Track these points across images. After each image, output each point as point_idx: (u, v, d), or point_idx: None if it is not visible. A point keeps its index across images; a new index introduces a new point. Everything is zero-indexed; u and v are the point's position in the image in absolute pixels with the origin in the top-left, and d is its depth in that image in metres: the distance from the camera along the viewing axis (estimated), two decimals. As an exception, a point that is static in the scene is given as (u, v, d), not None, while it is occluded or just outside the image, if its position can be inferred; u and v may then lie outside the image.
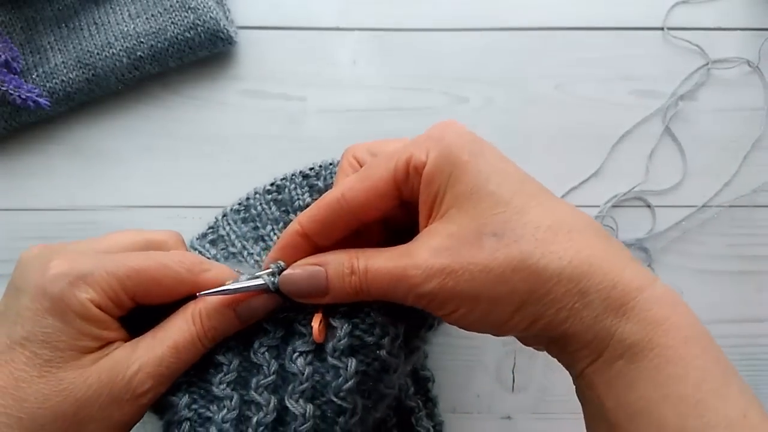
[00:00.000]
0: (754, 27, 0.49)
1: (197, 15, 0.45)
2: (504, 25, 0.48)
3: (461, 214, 0.28)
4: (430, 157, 0.28)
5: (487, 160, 0.29)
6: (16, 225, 0.45)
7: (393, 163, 0.29)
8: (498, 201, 0.28)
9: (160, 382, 0.30)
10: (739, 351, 0.45)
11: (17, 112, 0.44)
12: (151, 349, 0.30)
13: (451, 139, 0.29)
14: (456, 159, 0.28)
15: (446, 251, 0.27)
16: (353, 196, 0.30)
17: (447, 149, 0.28)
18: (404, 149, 0.29)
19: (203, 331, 0.31)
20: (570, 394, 0.44)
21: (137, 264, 0.31)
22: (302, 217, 0.31)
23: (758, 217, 0.46)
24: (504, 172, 0.29)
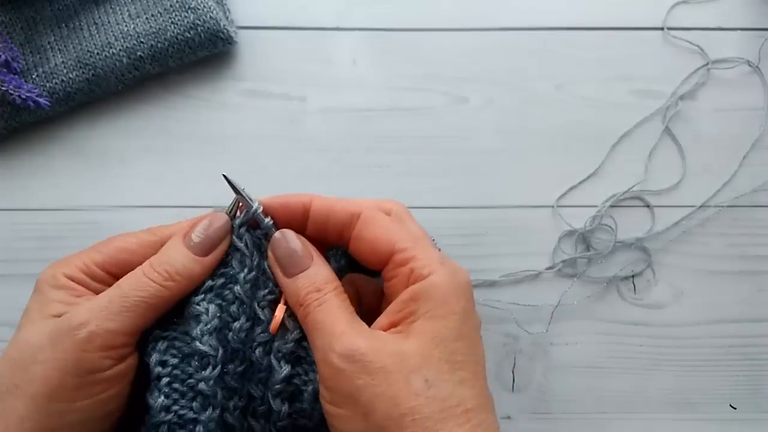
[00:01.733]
0: (754, 27, 0.49)
1: (197, 15, 0.45)
2: (504, 25, 0.48)
3: (418, 344, 0.29)
4: (433, 280, 0.30)
5: (470, 323, 0.30)
6: (16, 225, 0.45)
7: (404, 246, 0.31)
8: (451, 360, 0.29)
9: (100, 316, 0.30)
10: (739, 351, 0.45)
11: (17, 112, 0.44)
12: (98, 295, 0.31)
13: (461, 281, 0.31)
14: (450, 301, 0.29)
15: (385, 358, 0.28)
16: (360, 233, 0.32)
17: (452, 289, 0.30)
18: (419, 247, 0.31)
19: (151, 266, 0.32)
20: (570, 394, 0.44)
21: (107, 240, 0.34)
22: (317, 202, 0.33)
23: (758, 216, 0.46)
24: (476, 342, 0.30)
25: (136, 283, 0.31)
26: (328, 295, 0.31)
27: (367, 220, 0.32)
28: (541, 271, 0.45)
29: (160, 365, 0.31)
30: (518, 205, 0.46)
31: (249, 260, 0.33)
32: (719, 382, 0.44)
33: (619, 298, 0.45)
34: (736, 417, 0.44)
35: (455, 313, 0.29)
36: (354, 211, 0.32)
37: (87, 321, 0.30)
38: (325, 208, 0.33)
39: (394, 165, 0.46)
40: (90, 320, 0.30)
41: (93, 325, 0.30)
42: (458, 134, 0.47)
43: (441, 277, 0.30)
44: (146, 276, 0.31)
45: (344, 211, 0.33)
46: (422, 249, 0.31)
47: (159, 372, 0.31)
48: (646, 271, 0.45)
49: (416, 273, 0.30)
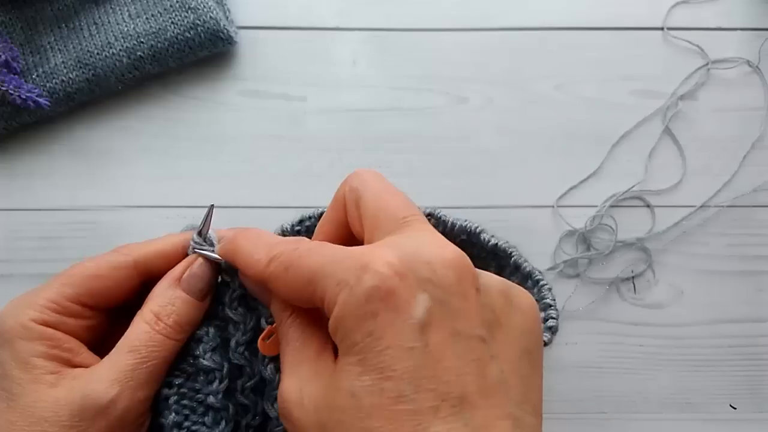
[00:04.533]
0: (754, 27, 0.49)
1: (197, 15, 0.45)
2: (504, 25, 0.48)
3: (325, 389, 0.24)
4: (334, 314, 0.23)
5: (381, 346, 0.22)
6: (16, 225, 0.45)
7: (309, 291, 0.25)
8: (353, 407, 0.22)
9: (129, 387, 0.28)
10: (739, 351, 0.45)
11: (17, 112, 0.44)
12: (111, 359, 0.29)
13: (357, 297, 0.23)
14: (348, 332, 0.23)
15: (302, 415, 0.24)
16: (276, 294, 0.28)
17: (348, 315, 0.23)
18: (320, 279, 0.24)
19: (160, 322, 0.30)
20: (570, 394, 0.44)
21: (72, 270, 0.30)
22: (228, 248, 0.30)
23: (758, 216, 0.46)
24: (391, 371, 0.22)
25: (151, 343, 0.29)
26: (283, 328, 0.28)
27: (270, 285, 0.27)
28: (542, 272, 0.45)
29: (166, 386, 0.31)
30: (518, 205, 0.46)
31: (231, 282, 0.32)
32: (719, 382, 0.44)
33: (620, 298, 0.45)
34: (736, 417, 0.44)
35: (356, 343, 0.23)
36: (258, 278, 0.27)
37: (118, 396, 0.28)
38: (242, 275, 0.30)
39: (394, 165, 0.46)
40: (121, 395, 0.28)
41: (126, 399, 0.28)
42: (458, 134, 0.47)
43: (338, 308, 0.23)
44: (160, 333, 0.30)
45: (253, 280, 0.28)
46: (324, 278, 0.24)
47: (166, 393, 0.31)
48: (647, 271, 0.45)
49: (328, 311, 0.24)
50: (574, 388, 0.44)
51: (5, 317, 0.29)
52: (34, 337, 0.28)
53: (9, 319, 0.29)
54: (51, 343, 0.29)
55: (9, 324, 0.29)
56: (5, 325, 0.29)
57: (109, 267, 0.30)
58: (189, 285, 0.31)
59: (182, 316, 0.30)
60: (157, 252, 0.32)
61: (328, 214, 0.31)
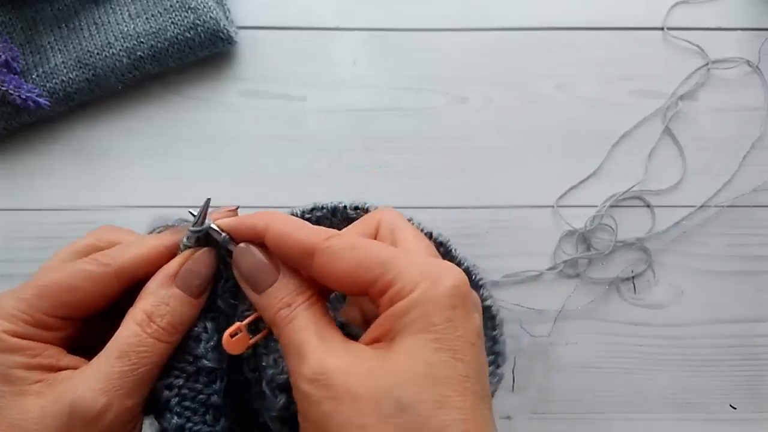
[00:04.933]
0: (754, 27, 0.49)
1: (197, 15, 0.45)
2: (504, 25, 0.48)
3: (393, 359, 0.26)
4: (413, 297, 0.26)
5: (455, 333, 0.26)
6: (16, 225, 0.45)
7: (377, 272, 0.27)
8: (429, 375, 0.25)
9: (117, 396, 0.27)
10: (739, 351, 0.45)
11: (17, 112, 0.44)
12: (99, 363, 0.28)
13: (442, 290, 0.26)
14: (429, 314, 0.26)
15: (352, 380, 0.25)
16: (321, 269, 0.28)
17: (431, 301, 0.26)
18: (395, 266, 0.27)
19: (152, 324, 0.29)
20: (570, 394, 0.44)
21: (46, 280, 0.29)
22: (273, 226, 0.29)
23: (758, 216, 0.46)
24: (461, 355, 0.26)
25: (141, 347, 0.28)
26: (298, 310, 0.28)
27: (324, 255, 0.28)
28: (543, 272, 0.45)
29: (166, 389, 0.30)
30: (518, 205, 0.46)
31: (224, 272, 0.31)
32: (719, 382, 0.44)
33: (620, 298, 0.45)
34: (736, 417, 0.44)
35: (435, 324, 0.26)
36: (306, 247, 0.28)
37: (107, 406, 0.27)
38: (276, 241, 0.29)
39: (394, 165, 0.46)
40: (110, 404, 0.27)
41: (115, 408, 0.27)
42: (458, 134, 0.47)
43: (420, 291, 0.26)
44: (151, 337, 0.28)
45: (296, 248, 0.28)
46: (401, 267, 0.27)
47: (167, 395, 0.30)
48: (647, 271, 0.45)
49: (396, 297, 0.26)
50: (574, 388, 0.44)
51: None
52: (10, 350, 0.27)
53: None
54: (30, 353, 0.28)
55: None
56: None
57: (86, 279, 0.29)
58: (185, 281, 0.30)
59: (176, 316, 0.29)
60: (140, 259, 0.30)
61: (356, 227, 0.31)
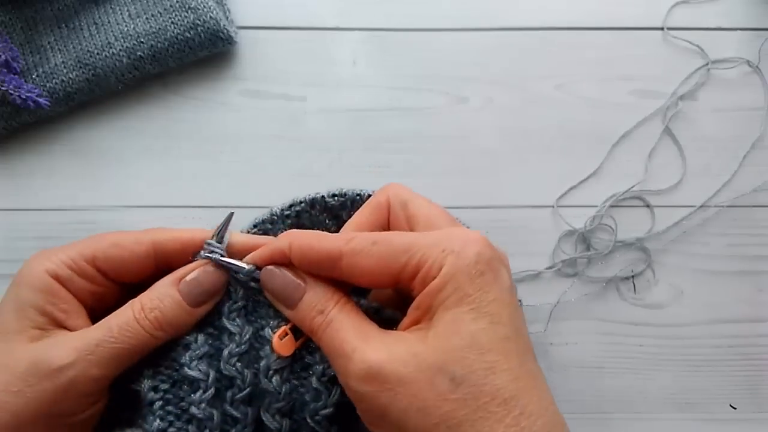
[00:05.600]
0: (754, 27, 0.49)
1: (197, 15, 0.45)
2: (504, 25, 0.48)
3: (437, 337, 0.27)
4: (443, 273, 0.28)
5: (489, 298, 0.27)
6: (16, 225, 0.45)
7: (404, 260, 0.28)
8: (474, 345, 0.27)
9: (87, 360, 0.29)
10: (739, 351, 0.45)
11: (17, 112, 0.44)
12: (87, 330, 0.30)
13: (468, 259, 0.28)
14: (461, 286, 0.27)
15: (400, 367, 0.26)
16: (350, 270, 0.29)
17: (460, 272, 0.27)
18: (418, 250, 0.28)
19: (142, 312, 0.30)
20: (570, 394, 0.44)
21: (96, 235, 0.33)
22: (295, 242, 0.30)
23: (758, 216, 0.46)
24: (498, 318, 0.28)
25: (126, 327, 0.30)
26: (332, 314, 0.29)
27: (350, 257, 0.29)
28: (541, 271, 0.45)
29: (152, 390, 0.31)
30: (518, 205, 0.46)
31: (233, 293, 0.32)
32: (719, 382, 0.44)
33: (619, 298, 0.45)
34: (735, 417, 0.44)
35: (469, 294, 0.27)
36: (333, 254, 0.29)
37: (70, 365, 0.28)
38: (302, 257, 0.30)
39: (394, 165, 0.46)
40: (74, 364, 0.28)
41: (76, 370, 0.28)
42: (458, 134, 0.47)
43: (448, 267, 0.27)
44: (138, 322, 0.30)
45: (322, 257, 0.30)
46: (423, 248, 0.28)
47: (152, 397, 0.31)
48: (646, 271, 0.45)
49: (428, 277, 0.28)
50: (573, 388, 0.44)
51: (27, 262, 0.31)
52: (38, 287, 0.30)
53: (28, 264, 0.31)
54: (51, 299, 0.30)
55: (26, 269, 0.31)
56: (24, 269, 0.31)
57: (129, 240, 0.32)
58: (185, 288, 0.31)
59: (166, 316, 0.31)
60: (175, 238, 0.33)
61: (363, 217, 0.32)
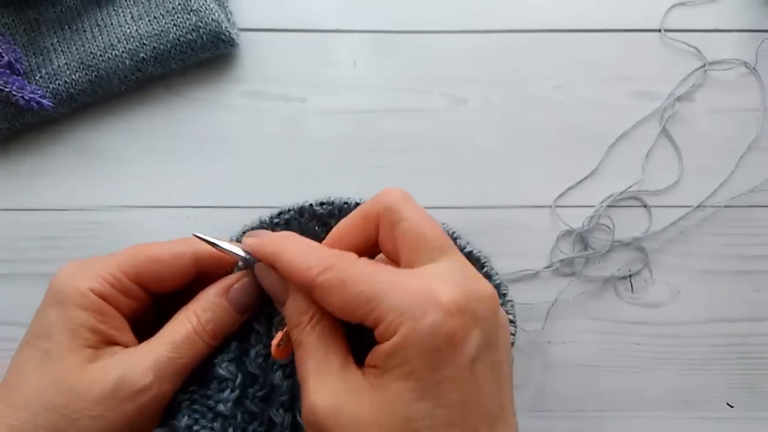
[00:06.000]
0: (751, 29, 0.49)
1: (199, 17, 0.45)
2: (503, 26, 0.49)
3: (381, 403, 0.25)
4: (394, 341, 0.25)
5: (438, 378, 0.25)
6: (17, 225, 0.45)
7: (365, 310, 0.26)
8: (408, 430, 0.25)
9: (161, 378, 0.29)
10: (737, 351, 0.45)
11: (20, 113, 0.44)
12: (150, 346, 0.30)
13: (422, 331, 0.25)
14: (410, 360, 0.25)
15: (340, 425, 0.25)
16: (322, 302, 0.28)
17: (411, 346, 0.25)
18: (378, 305, 0.25)
19: (200, 324, 0.31)
20: (567, 392, 0.44)
21: (135, 249, 0.32)
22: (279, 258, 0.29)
23: (755, 216, 0.46)
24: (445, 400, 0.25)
25: (188, 341, 0.30)
26: (303, 334, 0.28)
27: (318, 293, 0.28)
28: (539, 270, 0.45)
29: (180, 391, 0.31)
30: (517, 205, 0.46)
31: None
32: (716, 381, 0.44)
33: (617, 298, 0.45)
34: (733, 415, 0.44)
35: (416, 372, 0.25)
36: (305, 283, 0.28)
37: (151, 385, 0.29)
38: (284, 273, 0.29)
39: (394, 166, 0.47)
40: (154, 384, 0.29)
41: (156, 389, 0.29)
42: (458, 135, 0.47)
43: (401, 336, 0.25)
44: (198, 335, 0.31)
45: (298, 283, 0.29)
46: (386, 303, 0.25)
47: (180, 397, 0.31)
48: (644, 270, 0.46)
49: (383, 337, 0.26)
50: (572, 387, 0.44)
51: (66, 279, 0.30)
52: (87, 307, 0.29)
53: (69, 282, 0.30)
54: (101, 317, 0.30)
55: (68, 287, 0.29)
56: (65, 287, 0.29)
57: (171, 254, 0.32)
58: (234, 297, 0.32)
59: (220, 325, 0.31)
60: (215, 253, 0.32)
61: (355, 224, 0.31)
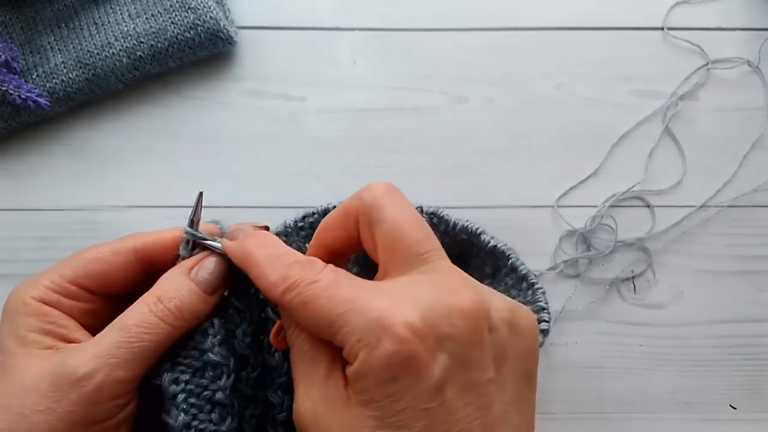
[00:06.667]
0: (754, 27, 0.49)
1: (197, 15, 0.45)
2: (504, 25, 0.48)
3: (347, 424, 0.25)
4: (353, 368, 0.24)
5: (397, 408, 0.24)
6: (16, 225, 0.45)
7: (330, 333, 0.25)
8: None
9: (109, 364, 0.28)
10: (739, 351, 0.45)
11: (17, 112, 0.44)
12: (99, 335, 0.29)
13: (378, 360, 0.24)
14: (368, 388, 0.24)
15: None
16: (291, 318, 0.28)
17: (368, 374, 0.24)
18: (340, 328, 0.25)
19: (161, 304, 0.29)
20: (570, 394, 0.44)
21: (75, 254, 0.32)
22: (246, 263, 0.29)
23: (758, 216, 0.46)
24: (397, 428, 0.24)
25: (144, 324, 0.29)
26: (293, 336, 0.28)
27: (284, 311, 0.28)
28: (543, 272, 0.45)
29: (173, 383, 0.30)
30: (518, 205, 0.46)
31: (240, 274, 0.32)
32: (719, 382, 0.44)
33: (620, 298, 0.45)
34: (736, 417, 0.44)
35: (375, 401, 0.24)
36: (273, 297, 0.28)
37: (94, 371, 0.27)
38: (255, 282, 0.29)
39: (393, 165, 0.46)
40: (98, 370, 0.27)
41: (102, 375, 0.27)
42: (458, 134, 0.47)
43: (358, 364, 0.24)
44: (156, 315, 0.29)
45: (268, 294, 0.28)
46: (344, 329, 0.25)
47: (174, 390, 0.30)
48: (647, 271, 0.45)
49: (348, 359, 0.25)
50: (574, 388, 0.44)
51: (12, 295, 0.31)
52: (30, 313, 0.30)
53: (12, 297, 0.30)
54: (47, 319, 0.30)
55: (12, 301, 0.30)
56: (11, 302, 0.30)
57: (108, 251, 0.32)
58: (199, 276, 0.31)
59: (186, 305, 0.30)
60: (156, 241, 0.32)
61: (335, 221, 0.31)
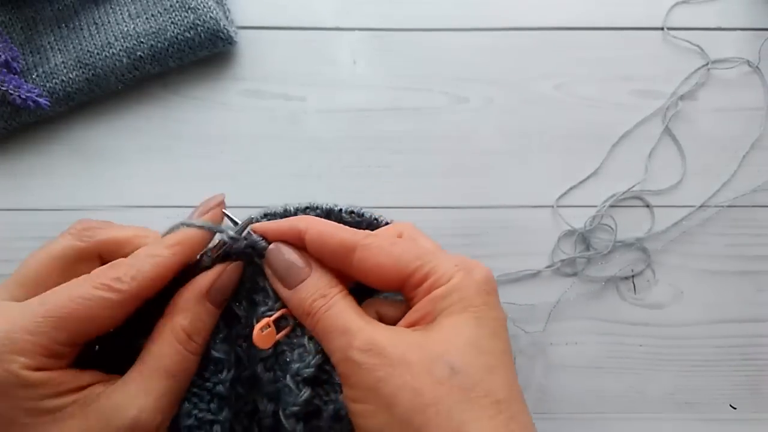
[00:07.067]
0: (754, 27, 0.49)
1: (197, 15, 0.45)
2: (504, 25, 0.48)
3: (440, 332, 0.28)
4: (451, 283, 0.29)
5: (492, 315, 0.29)
6: (16, 225, 0.45)
7: (415, 266, 0.29)
8: (475, 345, 0.28)
9: (168, 411, 0.29)
10: (739, 351, 0.45)
11: (17, 112, 0.44)
12: (145, 384, 0.28)
13: (478, 277, 0.29)
14: (468, 296, 0.28)
15: (404, 348, 0.27)
16: (361, 264, 0.30)
17: (468, 286, 0.29)
18: (431, 260, 0.29)
19: (188, 339, 0.30)
20: (570, 394, 0.44)
21: (58, 312, 0.27)
22: (313, 226, 0.31)
23: (758, 216, 0.46)
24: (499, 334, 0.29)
25: (185, 365, 0.30)
26: (336, 298, 0.30)
27: (366, 250, 0.30)
28: (540, 270, 0.45)
29: None
30: (518, 205, 0.46)
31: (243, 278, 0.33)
32: (719, 382, 0.44)
33: (619, 298, 0.45)
34: (735, 417, 0.44)
35: (475, 305, 0.28)
36: (348, 244, 0.30)
37: (163, 422, 0.29)
38: (318, 240, 0.30)
39: (393, 165, 0.46)
40: (163, 420, 0.29)
41: (166, 422, 0.29)
42: (458, 134, 0.47)
43: (458, 279, 0.29)
44: (192, 354, 0.30)
45: (338, 245, 0.30)
46: (437, 260, 0.29)
47: None
48: (646, 271, 0.45)
49: (435, 286, 0.29)
50: (573, 388, 0.44)
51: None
52: (33, 384, 0.26)
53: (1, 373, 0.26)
54: (55, 383, 0.27)
55: (4, 377, 0.26)
56: None
57: (105, 308, 0.28)
58: (216, 297, 0.31)
59: (209, 331, 0.31)
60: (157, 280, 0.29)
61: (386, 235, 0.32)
